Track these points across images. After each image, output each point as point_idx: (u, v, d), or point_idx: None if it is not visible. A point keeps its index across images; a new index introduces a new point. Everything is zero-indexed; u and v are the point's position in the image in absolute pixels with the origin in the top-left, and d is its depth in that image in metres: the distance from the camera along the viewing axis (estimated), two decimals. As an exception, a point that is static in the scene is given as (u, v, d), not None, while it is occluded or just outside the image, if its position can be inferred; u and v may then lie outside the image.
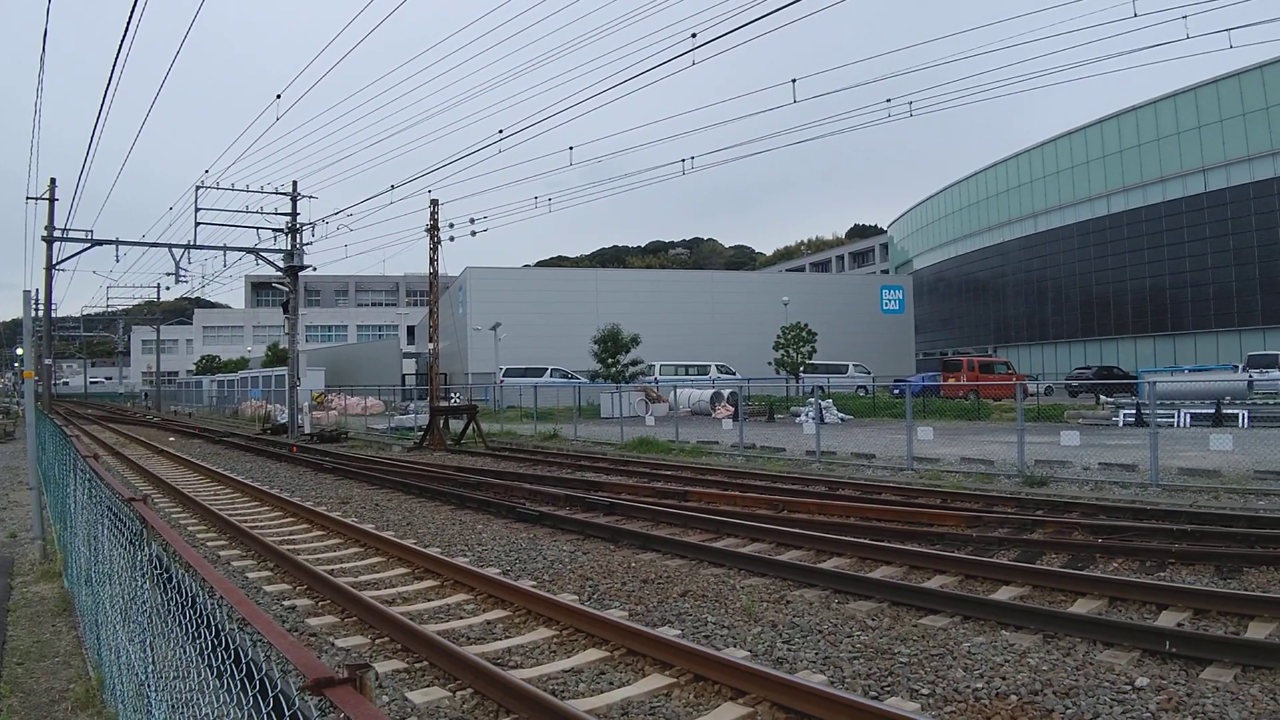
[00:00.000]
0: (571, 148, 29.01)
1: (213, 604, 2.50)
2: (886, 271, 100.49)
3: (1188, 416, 27.80)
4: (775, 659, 7.09)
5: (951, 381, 45.83)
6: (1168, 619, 7.76)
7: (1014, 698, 6.07)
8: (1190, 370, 44.00)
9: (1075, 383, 46.50)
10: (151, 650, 3.93)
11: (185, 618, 2.93)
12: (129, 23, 12.13)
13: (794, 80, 21.27)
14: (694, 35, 17.20)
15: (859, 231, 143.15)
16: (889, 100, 22.14)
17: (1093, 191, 63.72)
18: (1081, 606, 8.23)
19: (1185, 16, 18.59)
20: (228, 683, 2.26)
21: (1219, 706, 5.79)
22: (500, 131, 24.40)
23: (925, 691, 6.28)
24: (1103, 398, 37.08)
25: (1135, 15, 17.28)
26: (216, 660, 2.38)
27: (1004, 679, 6.44)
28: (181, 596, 3.04)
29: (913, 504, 14.12)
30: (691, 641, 7.18)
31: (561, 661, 7.17)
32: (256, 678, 1.98)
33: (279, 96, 26.89)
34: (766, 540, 11.88)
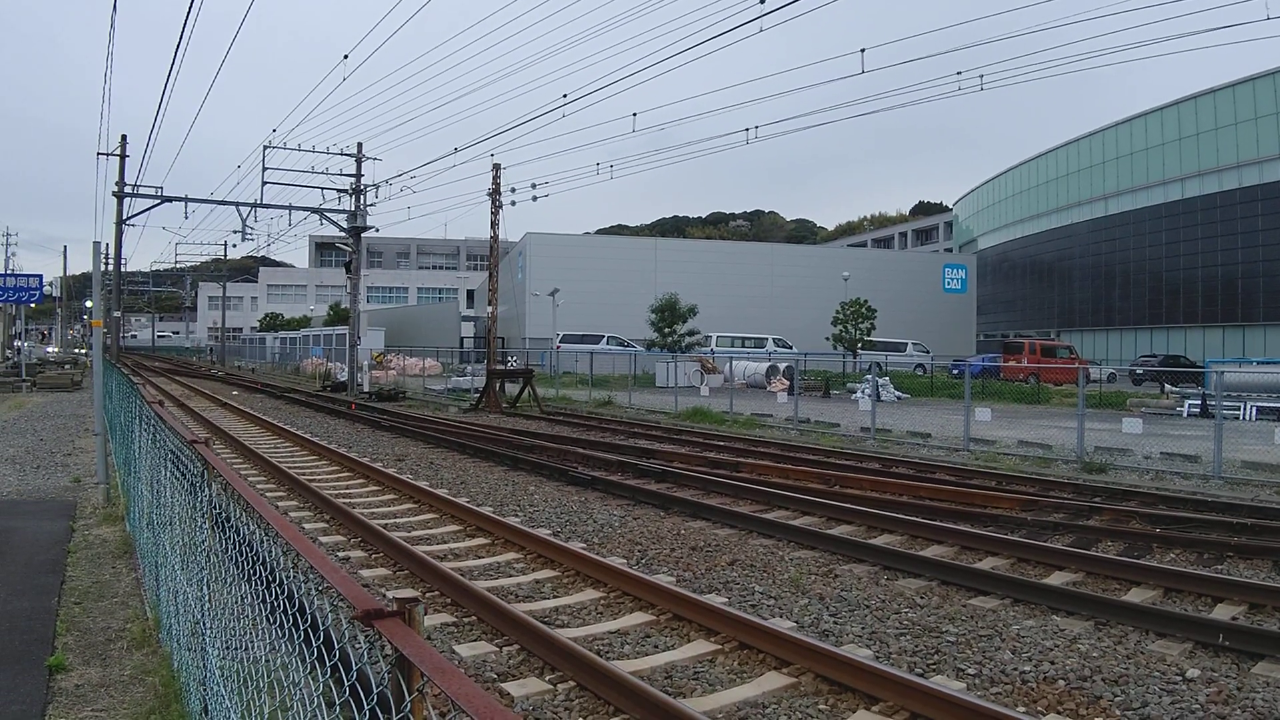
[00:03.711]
0: (635, 114, 28.91)
1: (269, 541, 2.55)
2: (950, 250, 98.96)
3: (1254, 409, 27.11)
4: (821, 631, 7.08)
5: (1012, 364, 45.11)
6: (1222, 612, 7.62)
7: (1062, 682, 6.00)
8: (1259, 362, 42.86)
9: (1140, 370, 45.55)
10: (208, 590, 4.03)
11: (241, 556, 2.99)
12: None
13: (863, 50, 20.92)
14: (762, 1, 16.97)
15: (923, 208, 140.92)
16: (959, 73, 21.69)
17: (1167, 175, 62.03)
18: (1135, 595, 8.10)
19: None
20: (280, 618, 2.30)
21: (1268, 702, 5.68)
22: (565, 96, 24.38)
23: (971, 671, 6.23)
24: (1168, 387, 36.28)
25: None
26: (270, 596, 2.43)
27: (1053, 663, 6.37)
28: (238, 535, 3.11)
29: (967, 485, 13.95)
30: (738, 610, 7.20)
31: (608, 623, 7.23)
32: (308, 613, 2.02)
33: (346, 57, 27.11)
34: (817, 514, 11.84)
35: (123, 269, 44.18)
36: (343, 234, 38.22)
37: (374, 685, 1.80)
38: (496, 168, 32.80)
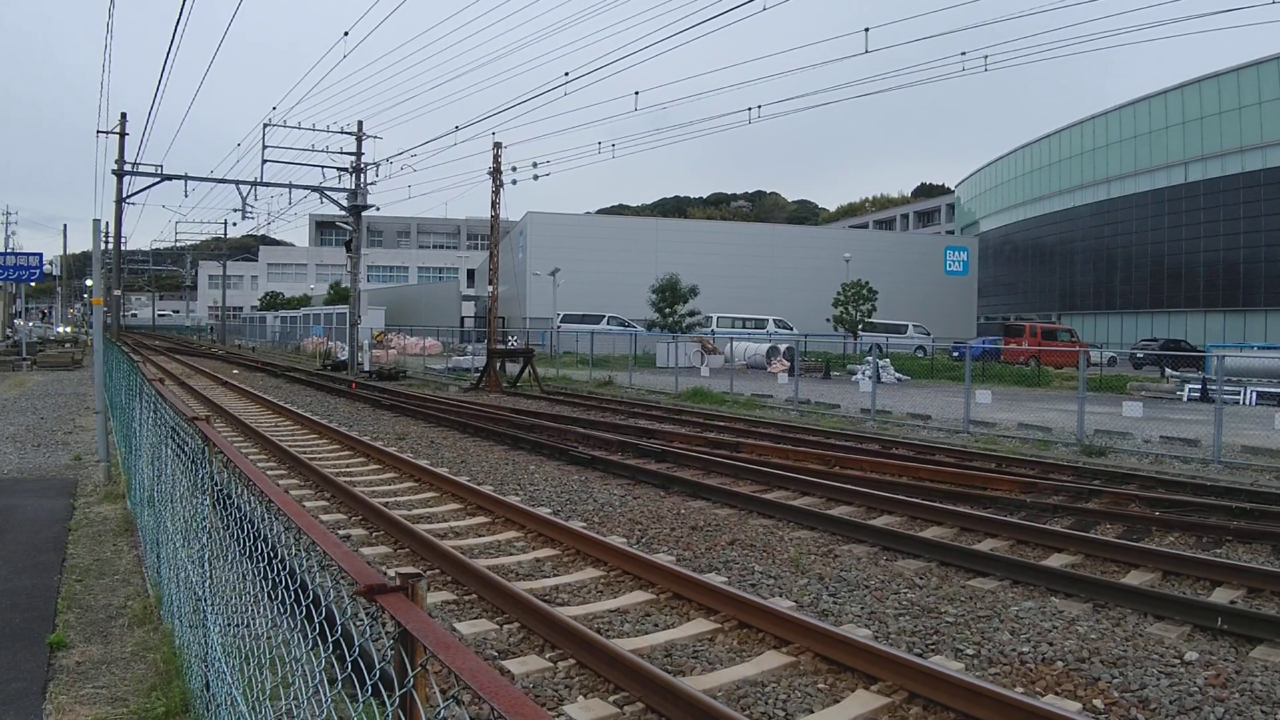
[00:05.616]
0: (637, 93, 28.76)
1: (270, 517, 2.54)
2: (951, 232, 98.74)
3: (1254, 394, 27.10)
4: (820, 611, 7.09)
5: (1013, 346, 45.07)
6: (1221, 596, 7.63)
7: (1060, 664, 6.02)
8: (1260, 347, 42.82)
9: (1140, 353, 45.52)
10: (209, 566, 4.03)
11: (242, 532, 2.99)
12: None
13: (866, 29, 20.80)
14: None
15: (925, 190, 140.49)
16: (964, 53, 21.56)
17: (1170, 159, 61.78)
18: (1134, 578, 8.12)
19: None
20: (282, 594, 2.30)
21: (1266, 686, 5.69)
22: (566, 74, 24.27)
23: (970, 652, 6.25)
24: (1168, 371, 36.26)
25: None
26: (272, 572, 2.42)
27: (1051, 645, 6.39)
28: (239, 512, 3.11)
29: (967, 466, 13.97)
30: (738, 589, 7.21)
31: (608, 601, 7.24)
32: (310, 589, 2.02)
33: (346, 34, 27.00)
34: (817, 494, 11.86)
35: (123, 248, 44.12)
36: (343, 213, 38.10)
37: (376, 661, 1.79)
38: (497, 146, 32.70)
